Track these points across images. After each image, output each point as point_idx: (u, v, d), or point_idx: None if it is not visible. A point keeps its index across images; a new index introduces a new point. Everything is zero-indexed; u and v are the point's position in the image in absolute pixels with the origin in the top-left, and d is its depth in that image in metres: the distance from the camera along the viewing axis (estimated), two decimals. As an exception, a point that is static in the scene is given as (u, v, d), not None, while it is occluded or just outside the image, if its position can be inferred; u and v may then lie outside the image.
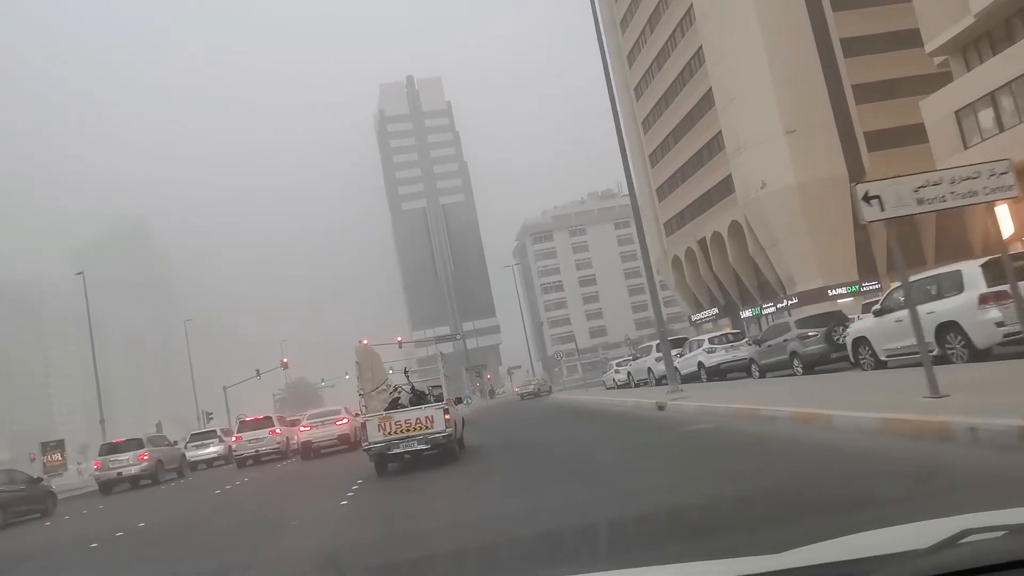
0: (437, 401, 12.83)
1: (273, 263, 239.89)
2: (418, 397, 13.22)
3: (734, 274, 53.25)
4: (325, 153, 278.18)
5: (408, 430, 11.84)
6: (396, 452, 11.85)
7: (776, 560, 1.48)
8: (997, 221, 9.60)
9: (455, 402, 14.21)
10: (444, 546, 5.59)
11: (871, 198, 8.00)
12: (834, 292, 44.08)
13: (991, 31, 27.72)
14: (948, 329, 11.78)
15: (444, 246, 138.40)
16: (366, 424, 12.03)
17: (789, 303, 46.49)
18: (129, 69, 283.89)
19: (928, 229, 45.21)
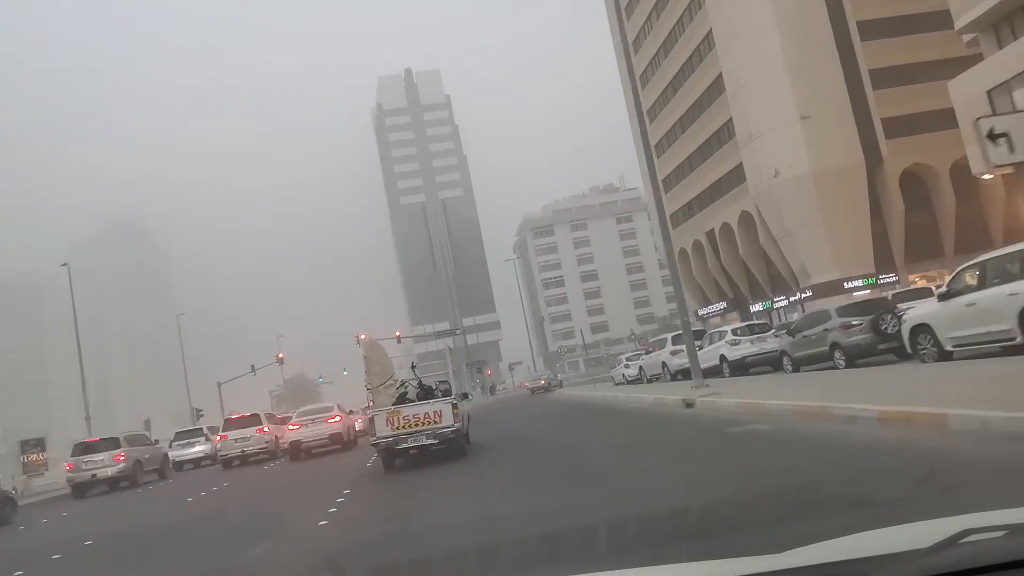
0: (444, 396, 12.66)
1: (272, 260, 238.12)
2: (425, 392, 13.15)
3: (744, 267, 51.55)
4: (323, 149, 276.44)
5: (416, 425, 11.70)
6: (404, 447, 11.73)
7: (777, 560, 1.46)
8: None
9: (461, 397, 13.99)
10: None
11: (997, 136, 6.18)
12: (850, 285, 42.38)
13: (1025, 5, 26.06)
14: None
15: (443, 241, 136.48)
16: (374, 419, 11.91)
17: (802, 296, 44.84)
18: (128, 70, 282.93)
19: (947, 220, 43.53)
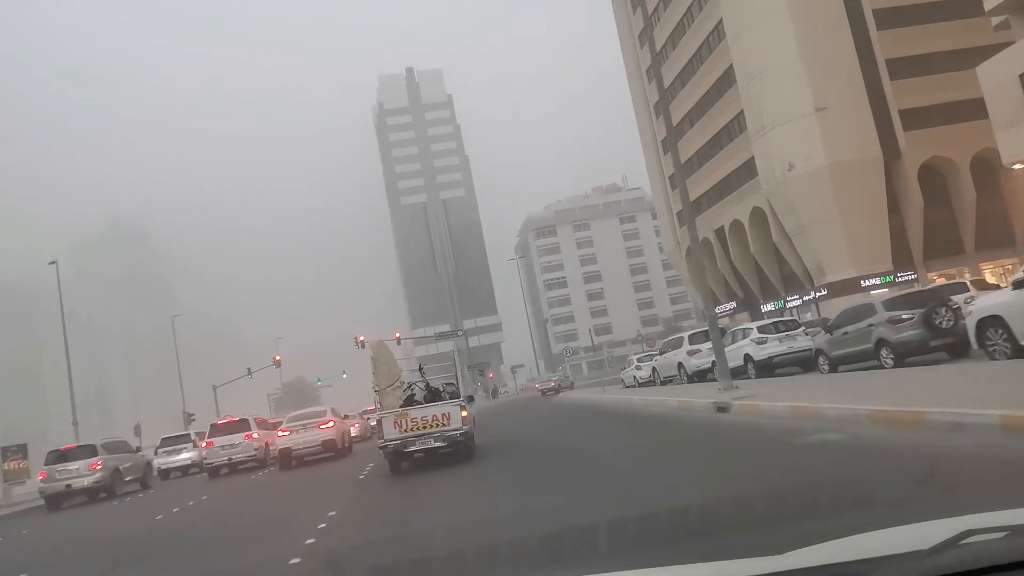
0: (452, 398, 12.44)
1: (271, 261, 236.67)
2: (433, 394, 12.97)
3: (755, 265, 49.92)
4: (323, 150, 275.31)
5: (425, 427, 11.58)
6: (412, 449, 11.59)
7: (777, 561, 1.45)
8: None
9: (467, 400, 13.35)
10: None
11: None
12: (867, 283, 40.73)
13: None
14: None
15: (445, 241, 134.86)
16: (382, 421, 11.80)
17: (817, 295, 43.23)
18: (128, 73, 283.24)
19: (967, 215, 41.89)
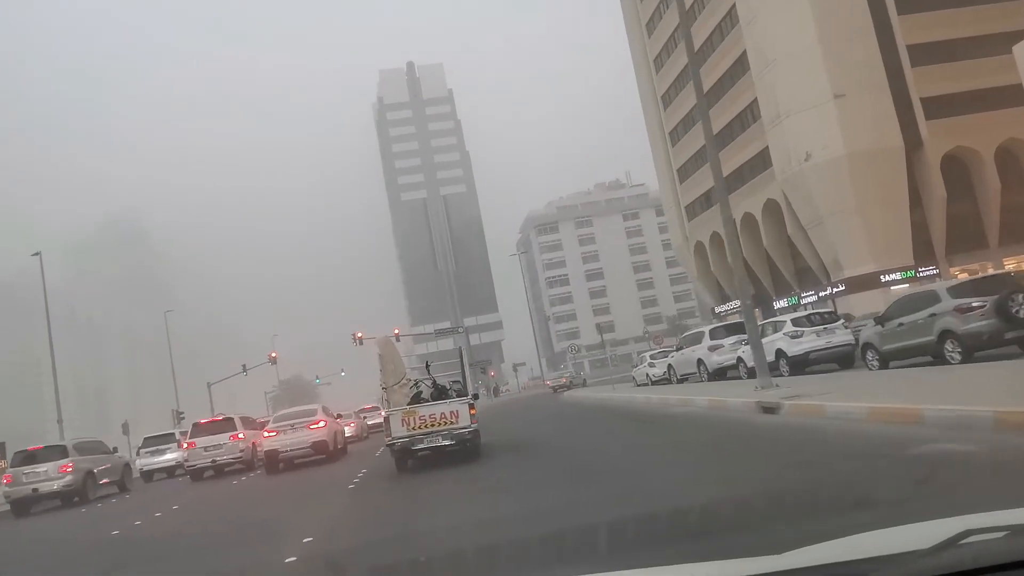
0: (458, 396, 12.29)
1: (271, 259, 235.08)
2: (439, 392, 12.86)
3: (767, 260, 48.21)
4: (323, 146, 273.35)
5: (432, 425, 11.53)
6: (420, 447, 11.58)
7: (777, 561, 1.45)
8: None
9: (473, 398, 12.67)
10: None
11: None
12: (887, 278, 39.09)
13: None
14: None
15: (445, 239, 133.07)
16: (389, 418, 11.74)
17: (833, 291, 41.53)
18: (128, 74, 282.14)
19: (991, 208, 40.20)
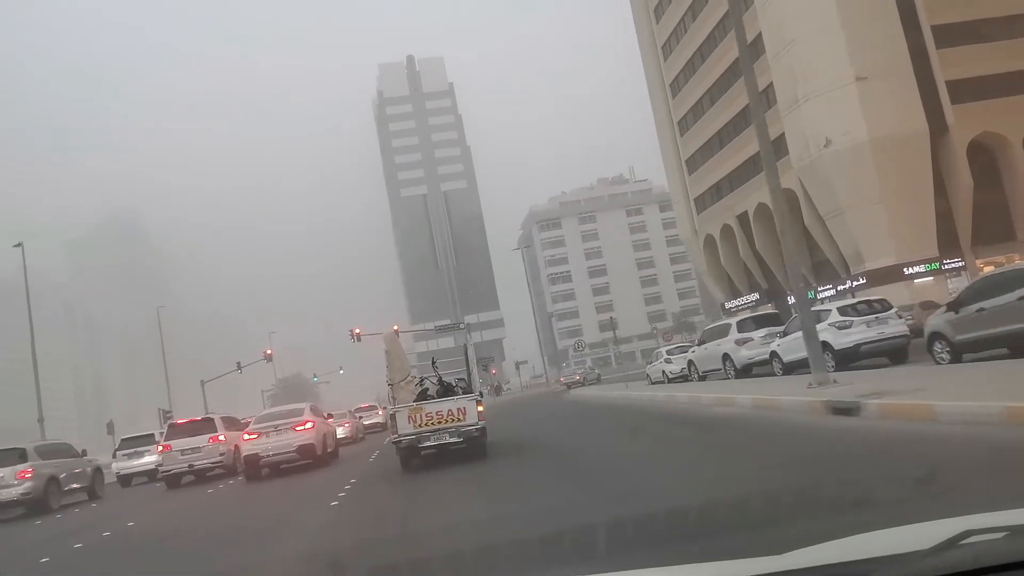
0: (465, 393, 12.22)
1: (270, 257, 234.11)
2: (445, 389, 12.72)
3: (781, 253, 46.22)
4: (322, 142, 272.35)
5: (439, 422, 11.38)
6: (427, 445, 11.51)
7: (777, 561, 1.45)
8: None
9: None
10: None
11: None
12: (910, 271, 37.23)
13: None
14: None
15: (445, 235, 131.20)
16: (396, 415, 11.57)
17: (853, 284, 39.59)
18: (128, 74, 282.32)
19: (1020, 198, 38.30)
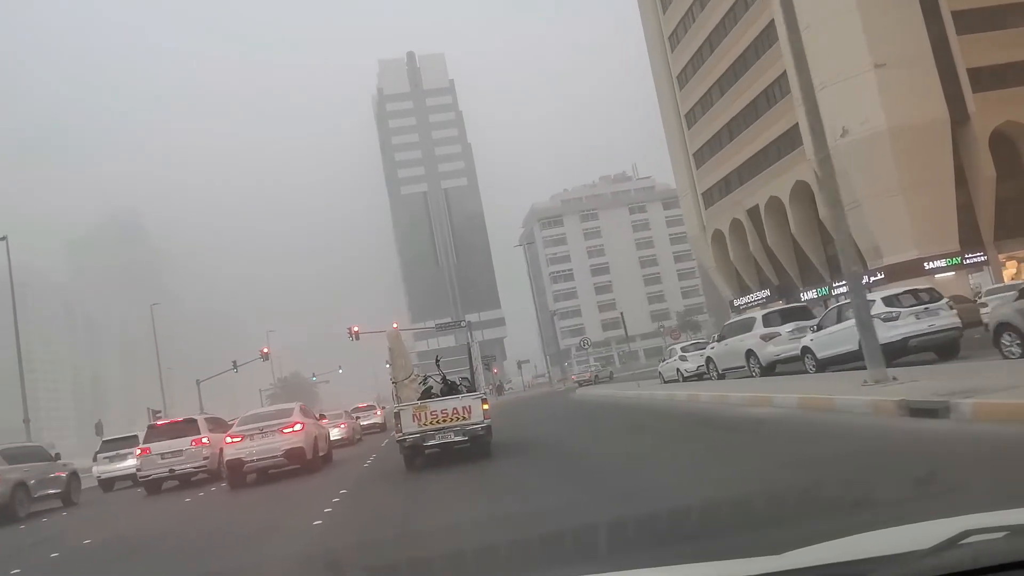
0: (469, 392, 12.08)
1: (270, 256, 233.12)
2: (449, 388, 12.59)
3: (794, 248, 44.87)
4: (324, 151, 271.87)
5: (444, 421, 11.23)
6: (432, 443, 11.37)
7: (777, 561, 1.45)
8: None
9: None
10: None
11: None
12: (931, 265, 35.81)
13: None
14: None
15: (446, 233, 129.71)
16: (400, 414, 11.46)
17: (871, 280, 38.10)
18: (128, 74, 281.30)
19: (1044, 189, 36.92)
